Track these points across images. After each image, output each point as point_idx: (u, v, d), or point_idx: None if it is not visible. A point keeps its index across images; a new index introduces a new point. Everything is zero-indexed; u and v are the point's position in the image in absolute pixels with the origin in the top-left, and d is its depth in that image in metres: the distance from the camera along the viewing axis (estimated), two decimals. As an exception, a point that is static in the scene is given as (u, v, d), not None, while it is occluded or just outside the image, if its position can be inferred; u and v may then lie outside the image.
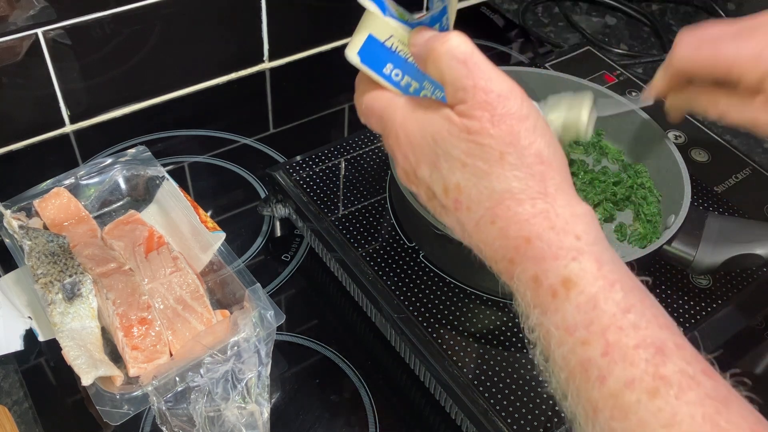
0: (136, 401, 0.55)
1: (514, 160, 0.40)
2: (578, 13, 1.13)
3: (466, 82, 0.40)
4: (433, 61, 0.41)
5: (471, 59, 0.41)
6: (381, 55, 0.45)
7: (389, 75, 0.46)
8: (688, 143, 0.79)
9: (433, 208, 0.45)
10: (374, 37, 0.45)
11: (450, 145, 0.41)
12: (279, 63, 0.99)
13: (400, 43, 0.45)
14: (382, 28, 0.44)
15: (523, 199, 0.40)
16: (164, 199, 0.71)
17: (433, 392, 0.59)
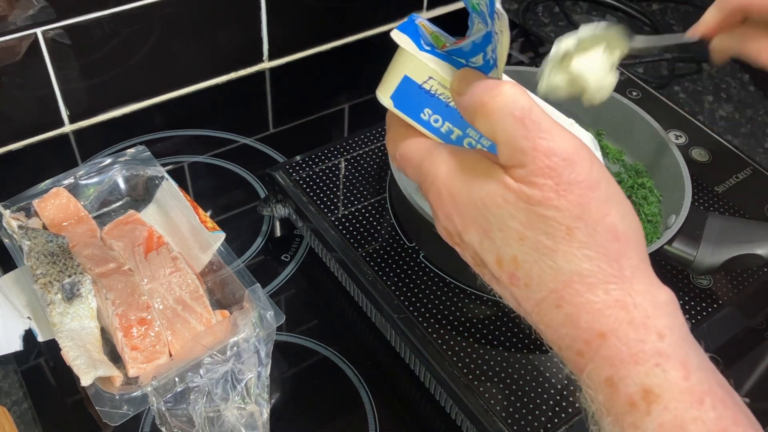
0: (135, 402, 0.55)
1: (583, 236, 0.35)
2: (579, 13, 1.13)
3: (524, 144, 0.35)
4: (483, 117, 0.36)
5: (529, 116, 0.35)
6: (418, 99, 0.40)
7: (427, 121, 0.40)
8: (688, 143, 0.79)
9: (482, 274, 0.40)
10: (410, 79, 0.39)
11: (506, 214, 0.36)
12: (279, 63, 0.99)
13: (440, 86, 0.39)
14: (419, 68, 0.39)
15: (594, 284, 0.35)
16: (164, 199, 0.71)
17: (433, 392, 0.59)
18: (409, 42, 0.40)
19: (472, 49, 0.39)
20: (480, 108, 0.36)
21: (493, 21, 0.36)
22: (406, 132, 0.42)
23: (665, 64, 1.02)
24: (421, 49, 0.40)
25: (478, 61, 0.39)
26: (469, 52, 0.39)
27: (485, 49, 0.38)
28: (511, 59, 1.03)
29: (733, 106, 0.96)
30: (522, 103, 0.35)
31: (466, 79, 0.38)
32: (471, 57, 0.40)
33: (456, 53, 0.41)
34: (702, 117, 0.94)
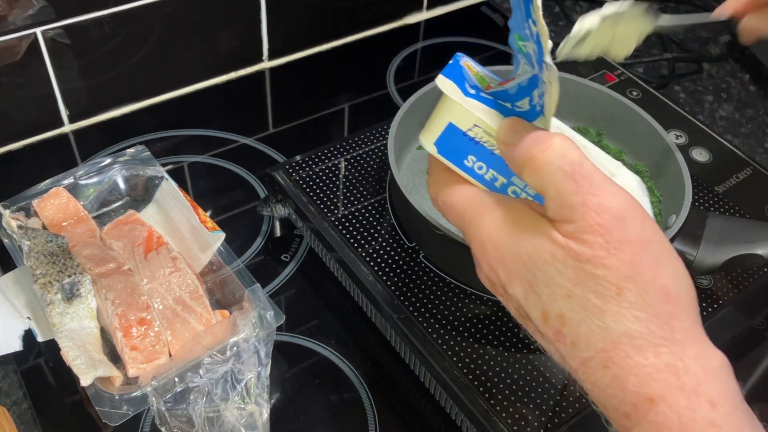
0: (135, 402, 0.54)
1: (634, 297, 0.33)
2: (579, 13, 1.13)
3: (573, 199, 0.34)
4: (532, 170, 0.35)
5: (579, 171, 0.34)
6: (462, 146, 0.39)
7: (471, 168, 0.39)
8: (689, 143, 0.79)
9: (526, 326, 0.39)
10: (455, 126, 0.39)
11: (553, 271, 0.35)
12: (279, 63, 0.99)
13: (485, 134, 0.39)
14: (464, 116, 0.39)
15: (644, 346, 0.33)
16: (163, 199, 0.71)
17: (433, 392, 0.59)
18: (454, 87, 0.39)
19: (518, 92, 0.38)
20: (528, 161, 0.35)
21: (542, 68, 0.36)
22: (449, 177, 0.41)
23: (665, 64, 1.02)
24: (465, 94, 0.39)
25: (524, 105, 0.38)
26: (515, 95, 0.39)
27: (531, 93, 0.38)
28: (510, 59, 1.03)
29: (733, 106, 0.96)
30: (572, 157, 0.34)
31: (514, 128, 0.37)
32: (517, 100, 0.39)
33: (501, 96, 0.40)
34: (702, 117, 0.94)
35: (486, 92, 0.41)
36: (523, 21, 0.37)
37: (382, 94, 0.95)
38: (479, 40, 1.05)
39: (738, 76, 1.02)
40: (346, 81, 0.98)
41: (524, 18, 0.37)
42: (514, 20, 0.39)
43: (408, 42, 1.04)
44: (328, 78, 0.98)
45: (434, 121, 0.40)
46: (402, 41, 1.04)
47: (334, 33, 1.02)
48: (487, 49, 1.04)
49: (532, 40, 0.37)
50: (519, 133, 0.37)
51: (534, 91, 0.37)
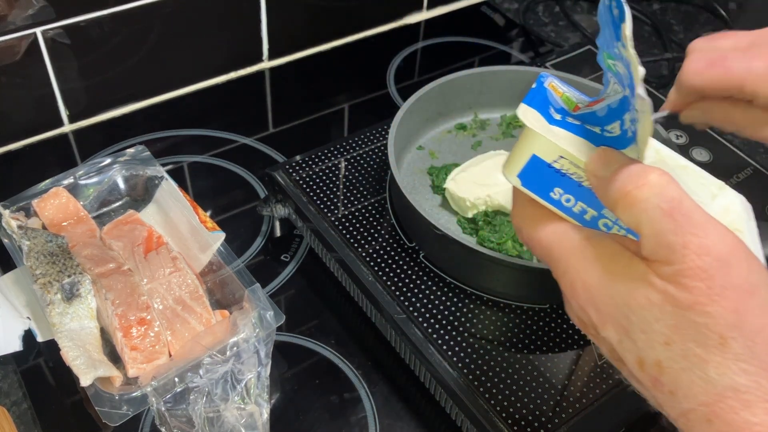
0: (135, 402, 0.54)
1: (740, 347, 0.31)
2: (579, 13, 1.13)
3: (673, 240, 0.31)
4: (626, 207, 0.33)
5: (679, 209, 0.32)
6: (548, 178, 0.37)
7: (558, 200, 0.37)
8: (689, 143, 0.79)
9: (620, 369, 0.37)
10: (539, 158, 0.36)
11: (650, 316, 0.33)
12: (279, 63, 0.99)
13: (571, 165, 0.36)
14: (548, 148, 0.36)
15: (752, 401, 0.31)
16: (163, 199, 0.71)
17: (433, 392, 0.59)
18: (536, 117, 0.37)
19: (608, 115, 0.37)
20: (622, 197, 0.33)
21: (633, 93, 0.34)
22: (534, 209, 0.38)
23: (665, 64, 1.02)
24: (550, 121, 0.37)
25: (614, 130, 0.37)
26: (605, 118, 0.37)
27: (622, 116, 0.36)
28: (511, 59, 1.03)
29: (733, 106, 0.96)
30: (670, 194, 0.32)
31: (605, 160, 0.35)
32: (607, 124, 0.37)
33: (590, 119, 0.38)
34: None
35: (573, 115, 0.39)
36: (612, 40, 0.36)
37: (382, 94, 0.95)
38: (479, 40, 1.05)
39: (738, 76, 1.02)
40: (346, 81, 0.98)
41: (613, 37, 0.35)
42: (603, 38, 0.38)
43: (408, 42, 1.04)
44: (328, 78, 0.98)
45: (517, 152, 0.37)
46: (402, 41, 1.04)
47: (334, 33, 1.02)
48: (487, 49, 1.04)
49: (622, 62, 0.35)
50: (611, 165, 0.34)
51: (625, 115, 0.35)
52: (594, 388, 0.56)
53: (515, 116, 0.79)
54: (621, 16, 0.34)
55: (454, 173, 0.69)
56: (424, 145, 0.76)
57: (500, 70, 0.78)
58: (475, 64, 1.01)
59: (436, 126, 0.78)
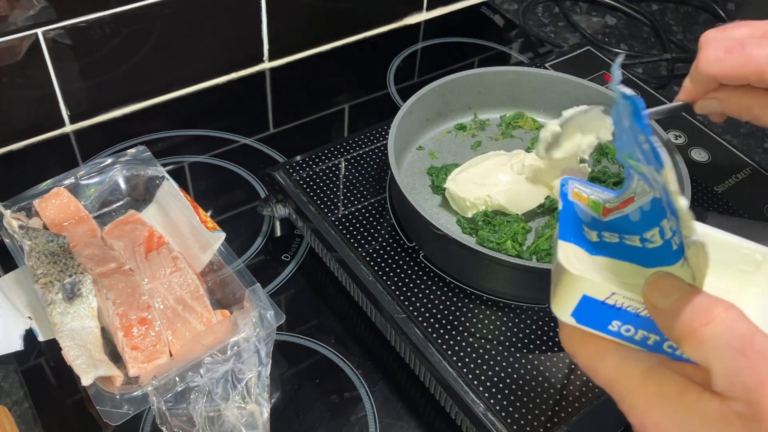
0: (136, 401, 0.55)
1: None
2: (578, 13, 1.13)
3: (748, 379, 0.30)
4: (694, 345, 0.32)
5: (751, 347, 0.30)
6: (603, 314, 0.35)
7: (618, 332, 0.36)
8: (688, 143, 0.79)
9: None
10: (590, 297, 0.35)
11: None
12: (279, 63, 0.99)
13: (626, 299, 0.35)
14: (599, 288, 0.35)
15: None
16: (164, 199, 0.71)
17: (433, 392, 0.59)
18: (577, 253, 0.35)
19: (643, 220, 0.36)
20: (689, 335, 0.32)
21: (668, 198, 0.32)
22: (585, 340, 0.36)
23: (665, 65, 1.02)
24: (590, 251, 0.36)
25: (655, 239, 0.35)
26: (640, 224, 0.36)
27: (660, 223, 0.35)
28: (510, 59, 1.03)
29: (732, 107, 0.96)
30: (740, 330, 0.31)
31: (664, 291, 0.33)
32: (644, 231, 0.36)
33: (625, 227, 0.37)
34: (701, 117, 0.94)
35: (606, 223, 0.38)
36: (633, 145, 0.35)
37: (382, 94, 0.95)
38: (479, 40, 1.05)
39: (737, 76, 1.02)
40: (346, 81, 0.98)
41: (636, 146, 0.34)
42: (621, 142, 0.37)
43: (408, 42, 1.04)
44: (328, 78, 0.98)
45: (564, 291, 0.35)
46: (402, 42, 1.04)
47: (334, 33, 1.02)
48: (487, 49, 1.04)
49: (646, 163, 0.34)
50: (670, 295, 0.33)
51: (663, 222, 0.34)
52: (593, 387, 0.56)
53: (515, 116, 0.79)
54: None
55: (454, 173, 0.69)
56: (424, 145, 0.76)
57: (500, 71, 0.78)
58: (474, 65, 1.01)
59: (436, 126, 0.78)
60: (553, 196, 0.68)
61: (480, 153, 0.75)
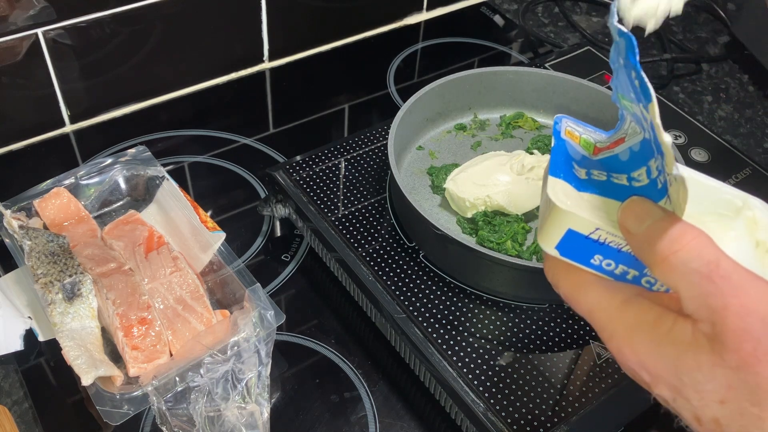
0: (136, 401, 0.55)
1: None
2: (578, 13, 1.13)
3: (713, 302, 0.31)
4: (664, 271, 0.33)
5: (717, 272, 0.32)
6: (586, 248, 0.37)
7: (599, 266, 0.37)
8: (688, 143, 0.79)
9: (681, 417, 0.36)
10: (575, 231, 0.36)
11: (701, 377, 0.32)
12: (279, 63, 0.99)
13: (608, 234, 0.36)
14: (583, 222, 0.36)
15: None
16: (164, 199, 0.71)
17: (433, 392, 0.59)
18: (565, 188, 0.36)
19: (632, 159, 0.37)
20: (660, 262, 0.33)
21: (656, 139, 0.33)
22: (569, 270, 0.38)
23: (665, 65, 1.02)
24: (577, 186, 0.37)
25: (641, 177, 0.36)
26: (629, 163, 0.37)
27: (647, 163, 0.35)
28: (510, 59, 1.03)
29: (732, 107, 0.96)
30: (708, 256, 0.32)
31: (638, 216, 0.34)
32: (632, 170, 0.37)
33: (614, 165, 0.38)
34: (701, 117, 0.94)
35: (596, 162, 0.39)
36: (629, 86, 0.36)
37: (382, 94, 0.95)
38: (479, 40, 1.05)
39: (737, 76, 1.02)
40: (346, 81, 0.98)
41: (629, 84, 0.35)
42: (617, 81, 0.38)
43: (408, 42, 1.04)
44: (328, 78, 0.98)
45: (550, 224, 0.37)
46: (402, 42, 1.04)
47: (334, 33, 1.02)
48: (487, 49, 1.04)
49: (637, 101, 0.35)
50: (644, 221, 0.34)
51: (650, 161, 0.35)
52: (593, 387, 0.56)
53: (515, 116, 0.79)
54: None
55: (454, 173, 0.69)
56: (424, 146, 0.76)
57: (500, 71, 0.78)
58: (474, 65, 1.01)
59: (435, 126, 0.78)
60: None
61: (480, 153, 0.75)
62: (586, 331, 0.60)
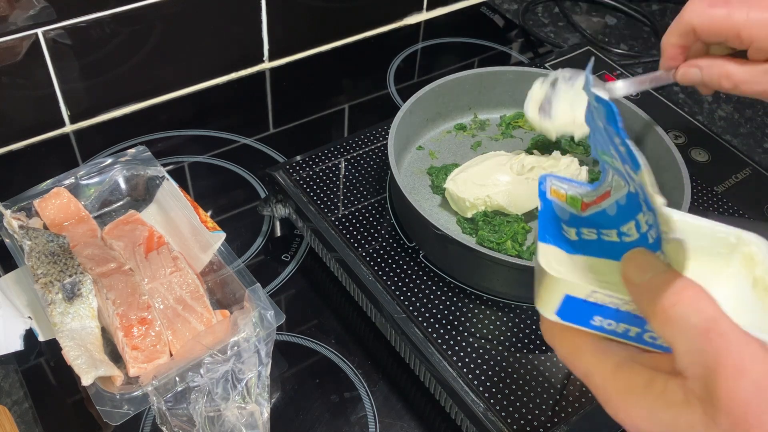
0: (136, 401, 0.55)
1: None
2: (578, 13, 1.13)
3: (707, 359, 0.31)
4: (662, 323, 0.33)
5: (715, 329, 0.31)
6: (585, 310, 0.36)
7: (600, 326, 0.37)
8: (688, 143, 0.79)
9: None
10: (572, 296, 0.36)
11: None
12: (279, 63, 0.99)
13: (606, 296, 0.36)
14: (579, 287, 0.36)
15: None
16: (164, 199, 0.71)
17: (433, 392, 0.59)
18: (556, 254, 0.37)
19: (619, 214, 0.37)
20: (659, 313, 0.33)
21: (644, 194, 0.33)
22: (563, 335, 0.38)
23: (665, 65, 1.02)
24: (568, 250, 0.37)
25: (631, 232, 0.37)
26: (617, 218, 0.37)
27: (635, 217, 0.36)
28: (510, 59, 1.03)
29: (732, 107, 0.96)
30: (706, 313, 0.31)
31: (641, 266, 0.34)
32: (621, 225, 0.37)
33: (602, 221, 0.38)
34: (701, 117, 0.94)
35: (584, 219, 0.39)
36: (608, 144, 0.36)
37: (382, 94, 0.95)
38: (479, 40, 1.05)
39: (737, 76, 1.02)
40: (346, 81, 0.98)
41: (609, 143, 0.36)
42: (596, 139, 0.38)
43: (408, 42, 1.04)
44: (328, 78, 0.98)
45: (546, 291, 0.37)
46: (402, 42, 1.04)
47: (334, 33, 1.02)
48: (487, 49, 1.04)
49: (622, 162, 0.35)
50: (646, 272, 0.34)
51: (638, 215, 0.35)
52: (593, 387, 0.56)
53: (515, 116, 0.79)
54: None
55: (454, 173, 0.69)
56: (424, 146, 0.76)
57: (500, 71, 0.78)
58: (474, 65, 1.01)
59: (435, 126, 0.78)
60: None
61: (480, 153, 0.75)
62: (586, 331, 0.60)
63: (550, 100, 0.62)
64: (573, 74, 0.63)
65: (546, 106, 0.62)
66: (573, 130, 0.64)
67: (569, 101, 0.61)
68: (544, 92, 0.63)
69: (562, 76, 0.63)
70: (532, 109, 0.64)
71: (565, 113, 0.62)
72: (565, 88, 0.61)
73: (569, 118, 0.62)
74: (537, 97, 0.63)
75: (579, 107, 0.61)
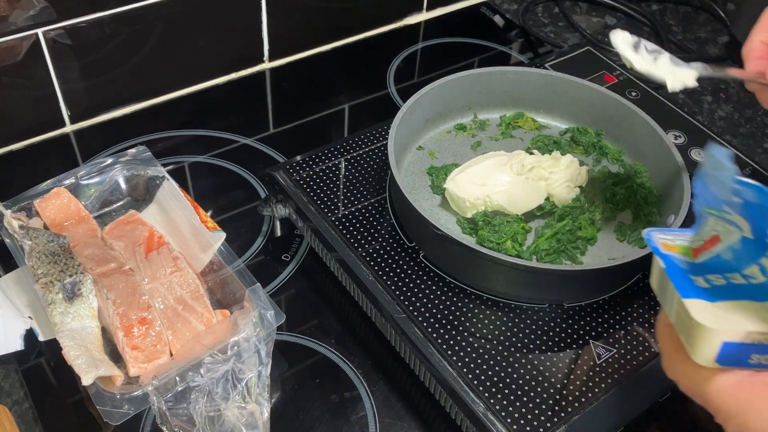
0: (136, 401, 0.55)
1: None
2: (578, 13, 1.13)
3: None
4: None
5: None
6: (743, 351, 0.37)
7: (758, 364, 0.38)
8: (688, 143, 0.79)
9: None
10: (729, 342, 0.37)
11: None
12: (279, 63, 0.99)
13: (759, 335, 0.37)
14: (735, 332, 0.37)
15: None
16: (164, 199, 0.71)
17: (433, 392, 0.59)
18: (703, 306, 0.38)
19: (738, 258, 0.38)
20: None
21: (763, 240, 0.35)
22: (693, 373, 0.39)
23: (665, 65, 1.02)
24: (710, 299, 0.38)
25: (755, 275, 0.37)
26: (737, 262, 0.38)
27: (758, 261, 0.36)
28: (510, 59, 1.03)
29: (732, 107, 0.96)
30: None
31: None
32: (743, 268, 0.38)
33: (721, 266, 0.39)
34: (701, 117, 0.94)
35: (701, 265, 0.40)
36: (720, 203, 0.37)
37: (382, 94, 0.95)
38: (479, 40, 1.05)
39: (737, 76, 1.02)
40: (346, 81, 0.98)
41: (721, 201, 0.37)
42: (705, 194, 0.39)
43: (408, 43, 1.04)
44: (328, 78, 0.98)
45: (703, 344, 0.37)
46: (402, 42, 1.04)
47: (334, 33, 1.02)
48: (487, 49, 1.04)
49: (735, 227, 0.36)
50: None
51: (762, 260, 0.36)
52: (593, 387, 0.56)
53: (515, 116, 0.80)
54: None
55: (454, 173, 0.69)
56: (424, 146, 0.76)
57: (500, 71, 0.78)
58: (474, 65, 1.01)
59: (435, 126, 0.78)
60: (552, 197, 0.68)
61: (480, 153, 0.75)
62: (586, 331, 0.60)
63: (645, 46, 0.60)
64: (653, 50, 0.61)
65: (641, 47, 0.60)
66: (667, 78, 0.61)
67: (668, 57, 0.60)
68: (632, 39, 0.60)
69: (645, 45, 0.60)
70: (623, 44, 0.60)
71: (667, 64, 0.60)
72: None
73: (669, 70, 0.61)
74: (628, 39, 0.60)
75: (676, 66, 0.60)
